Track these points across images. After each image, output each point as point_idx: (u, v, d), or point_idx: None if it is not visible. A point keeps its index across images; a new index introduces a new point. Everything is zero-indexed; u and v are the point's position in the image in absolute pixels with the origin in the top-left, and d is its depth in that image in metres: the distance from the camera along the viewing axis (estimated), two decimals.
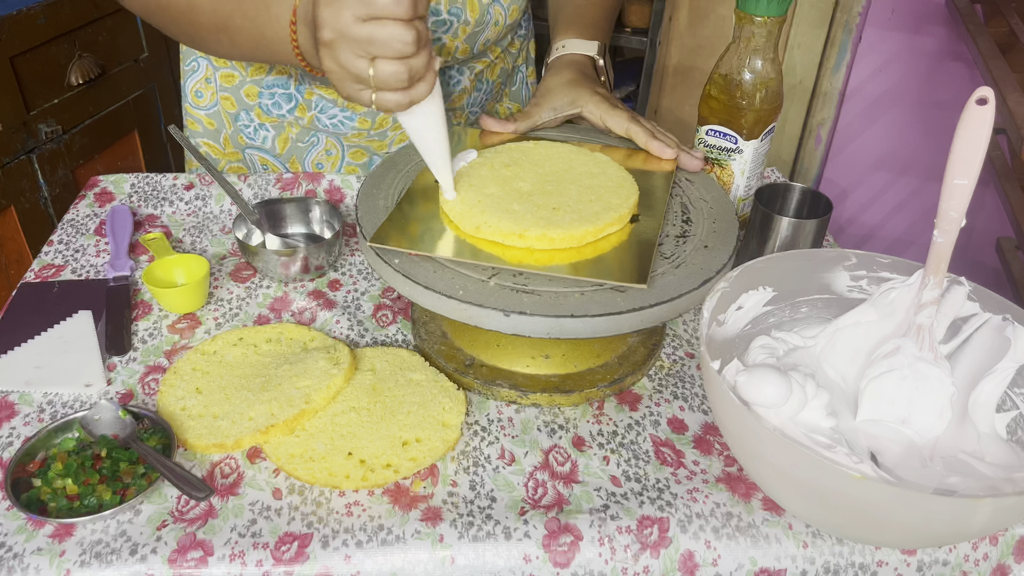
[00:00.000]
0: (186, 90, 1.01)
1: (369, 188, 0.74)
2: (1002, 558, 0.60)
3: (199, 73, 0.99)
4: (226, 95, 0.98)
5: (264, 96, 0.97)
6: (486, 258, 0.64)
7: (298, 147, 1.00)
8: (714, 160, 0.85)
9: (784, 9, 0.77)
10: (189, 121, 1.03)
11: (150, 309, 0.79)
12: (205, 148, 1.03)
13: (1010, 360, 0.61)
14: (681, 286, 0.63)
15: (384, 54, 0.58)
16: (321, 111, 0.96)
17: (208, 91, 0.99)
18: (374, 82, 0.59)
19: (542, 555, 0.57)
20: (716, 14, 2.00)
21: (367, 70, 0.58)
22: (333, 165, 1.01)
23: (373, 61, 0.58)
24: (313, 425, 0.65)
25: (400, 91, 0.60)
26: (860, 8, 1.86)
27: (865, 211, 2.14)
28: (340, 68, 0.59)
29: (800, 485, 0.53)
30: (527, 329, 0.60)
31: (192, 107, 1.01)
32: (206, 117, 1.01)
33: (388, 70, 0.58)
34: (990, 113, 0.55)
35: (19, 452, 0.60)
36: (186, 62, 1.00)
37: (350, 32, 0.57)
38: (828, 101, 1.99)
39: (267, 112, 0.98)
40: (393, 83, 0.59)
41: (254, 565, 0.55)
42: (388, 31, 0.57)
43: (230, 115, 0.99)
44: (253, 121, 0.99)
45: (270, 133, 0.99)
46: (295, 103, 0.96)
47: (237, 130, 1.00)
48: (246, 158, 1.03)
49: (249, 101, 0.97)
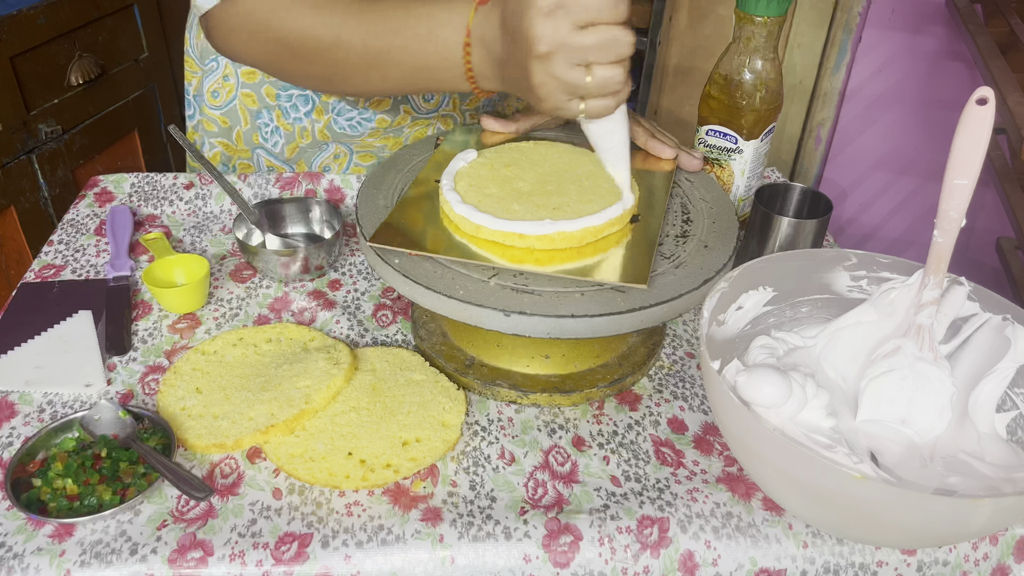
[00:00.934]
0: (203, 90, 1.00)
1: (369, 188, 0.74)
2: (1002, 558, 0.60)
3: (218, 72, 0.98)
4: (247, 91, 0.98)
5: (282, 99, 0.97)
6: (486, 258, 0.64)
7: (306, 153, 1.01)
8: (714, 160, 0.85)
9: (784, 9, 0.77)
10: (204, 122, 1.02)
11: (150, 309, 0.79)
12: (219, 148, 1.03)
13: (1010, 360, 0.61)
14: (681, 286, 0.63)
15: (603, 59, 0.58)
16: (338, 113, 0.96)
17: (225, 88, 0.99)
18: (590, 90, 0.60)
19: (542, 555, 0.57)
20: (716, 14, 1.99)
21: (584, 78, 0.59)
22: (340, 167, 1.02)
23: (589, 68, 0.59)
24: (313, 425, 0.65)
25: (612, 96, 0.61)
26: (860, 8, 1.86)
27: (865, 211, 2.14)
28: (554, 80, 0.59)
29: (800, 485, 0.53)
30: (527, 329, 0.60)
31: (208, 107, 1.01)
32: (221, 116, 1.01)
33: (607, 75, 0.59)
34: (990, 113, 0.55)
35: (19, 452, 0.60)
36: (204, 62, 0.99)
37: (571, 41, 0.57)
38: (828, 101, 1.99)
39: (285, 115, 0.98)
40: (611, 87, 0.60)
41: (254, 565, 0.55)
42: (609, 35, 0.57)
43: (250, 112, 0.99)
44: (271, 122, 0.99)
45: (282, 139, 0.99)
46: (312, 105, 0.96)
47: (253, 128, 1.00)
48: (254, 157, 1.03)
49: (270, 101, 0.97)
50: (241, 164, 1.04)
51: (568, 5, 0.57)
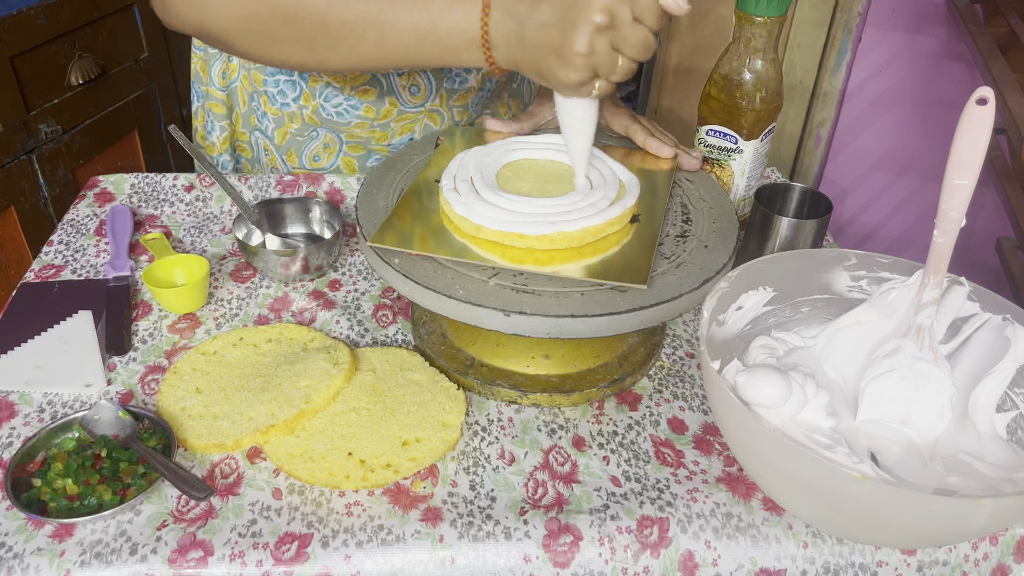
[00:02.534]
0: (212, 74, 1.00)
1: (369, 188, 0.74)
2: (1002, 558, 0.60)
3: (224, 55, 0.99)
4: (245, 73, 0.98)
5: (269, 84, 0.97)
6: (486, 258, 0.64)
7: (296, 140, 1.00)
8: (714, 160, 0.85)
9: (784, 9, 0.77)
10: (212, 104, 1.02)
11: (150, 309, 0.79)
12: (228, 131, 1.04)
13: (1010, 360, 0.61)
14: (681, 286, 0.63)
15: (633, 54, 0.63)
16: (325, 99, 0.96)
17: (230, 69, 0.99)
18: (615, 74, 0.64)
19: (542, 555, 0.57)
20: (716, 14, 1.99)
21: (616, 62, 0.63)
22: (330, 157, 1.01)
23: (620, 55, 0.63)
24: (313, 425, 0.65)
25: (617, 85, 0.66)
26: (860, 8, 1.86)
27: (865, 211, 2.14)
28: (594, 54, 0.62)
29: (800, 485, 0.53)
30: (527, 329, 0.60)
31: (217, 89, 1.01)
32: (226, 96, 1.01)
33: (631, 69, 0.64)
34: (990, 113, 0.55)
35: (19, 452, 0.60)
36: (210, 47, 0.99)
37: (624, 26, 0.61)
38: (828, 101, 1.99)
39: (272, 101, 0.98)
40: (624, 76, 0.64)
41: (254, 565, 0.55)
42: (646, 36, 0.62)
43: (247, 93, 0.99)
44: (260, 107, 0.99)
45: (271, 124, 1.00)
46: (300, 91, 0.96)
47: (250, 110, 1.01)
48: (251, 139, 1.03)
49: (258, 87, 0.98)
50: (240, 147, 1.05)
51: None
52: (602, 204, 0.68)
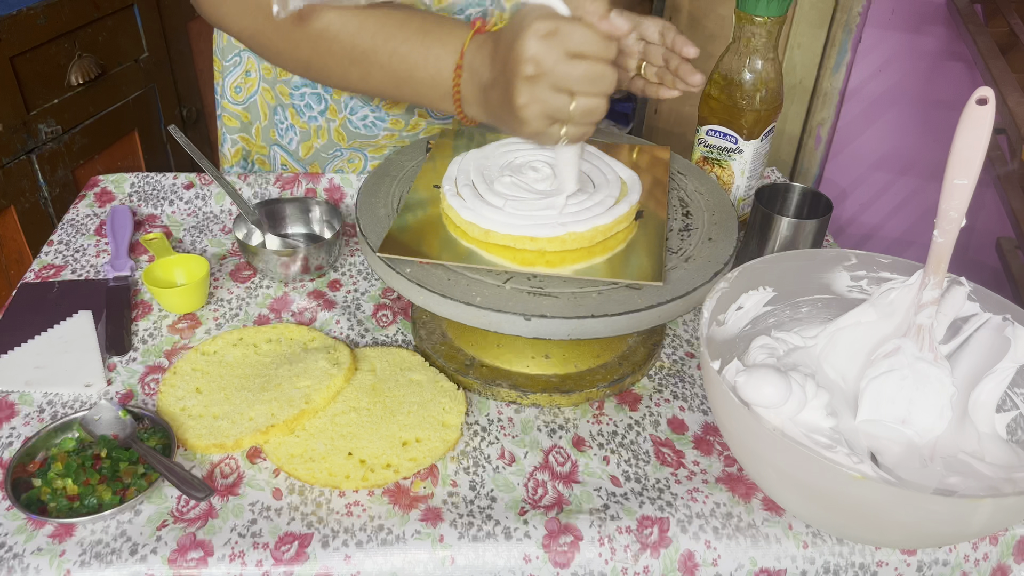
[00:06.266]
0: (225, 86, 1.01)
1: (366, 198, 0.73)
2: (1002, 558, 0.60)
3: (240, 68, 0.99)
4: (267, 87, 0.98)
5: (295, 97, 0.97)
6: (497, 263, 0.64)
7: (321, 156, 1.01)
8: (714, 160, 0.85)
9: (784, 9, 0.77)
10: (226, 117, 1.03)
11: (150, 309, 0.79)
12: (241, 143, 1.04)
13: (1010, 360, 0.61)
14: (694, 280, 0.64)
15: (588, 91, 0.59)
16: (352, 112, 0.96)
17: (247, 84, 0.99)
18: (573, 117, 0.60)
19: (542, 555, 0.57)
20: (716, 14, 1.99)
21: (568, 104, 0.60)
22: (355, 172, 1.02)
23: (573, 97, 0.60)
24: (313, 425, 0.65)
25: (591, 125, 0.63)
26: (860, 8, 1.86)
27: (865, 211, 2.14)
28: (538, 102, 0.60)
29: (800, 485, 0.53)
30: (548, 332, 0.60)
31: (230, 103, 1.01)
32: (242, 111, 1.01)
33: (590, 105, 0.60)
34: (990, 113, 0.55)
35: (19, 452, 0.60)
36: (226, 58, 0.99)
37: (559, 67, 0.58)
38: (828, 101, 1.99)
39: (299, 113, 0.98)
40: (592, 118, 0.61)
41: (254, 565, 0.55)
42: (596, 69, 0.59)
43: (269, 107, 0.99)
44: (286, 120, 0.99)
45: (297, 136, 1.00)
46: (325, 105, 0.96)
47: (272, 124, 1.00)
48: (271, 154, 1.03)
49: (284, 100, 0.98)
50: (259, 160, 1.05)
51: (563, 34, 0.58)
52: (608, 202, 0.68)
